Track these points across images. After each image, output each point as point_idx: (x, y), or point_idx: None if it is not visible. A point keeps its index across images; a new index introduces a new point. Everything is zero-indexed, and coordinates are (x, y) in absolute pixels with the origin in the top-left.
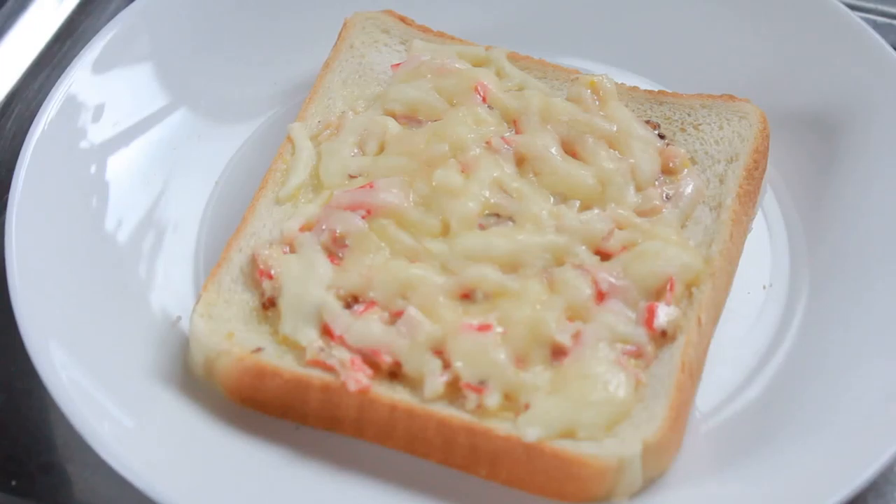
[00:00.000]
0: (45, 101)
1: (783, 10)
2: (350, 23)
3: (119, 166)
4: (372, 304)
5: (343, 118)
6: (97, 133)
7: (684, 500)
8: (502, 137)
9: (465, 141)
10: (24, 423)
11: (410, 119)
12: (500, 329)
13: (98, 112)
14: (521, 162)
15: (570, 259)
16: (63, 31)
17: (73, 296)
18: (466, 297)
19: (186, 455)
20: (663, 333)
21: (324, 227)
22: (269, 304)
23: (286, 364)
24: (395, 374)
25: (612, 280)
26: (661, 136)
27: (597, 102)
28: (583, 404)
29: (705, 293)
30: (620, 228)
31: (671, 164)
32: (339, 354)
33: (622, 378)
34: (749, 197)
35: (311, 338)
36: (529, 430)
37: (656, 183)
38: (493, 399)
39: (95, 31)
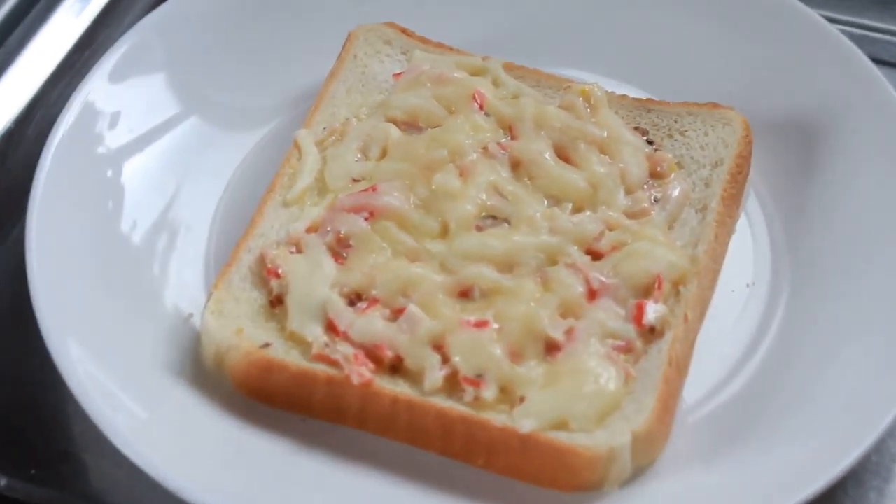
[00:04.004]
0: (65, 109)
1: (765, 23)
2: (354, 35)
3: (134, 171)
4: (374, 301)
5: (347, 125)
6: (113, 139)
7: (672, 488)
8: (498, 143)
9: (463, 146)
10: (44, 415)
11: (411, 126)
12: (496, 325)
13: (114, 119)
14: (516, 166)
15: (562, 259)
16: (82, 41)
17: (90, 294)
18: (464, 294)
19: (197, 445)
20: (651, 329)
21: (329, 228)
22: (276, 302)
23: (292, 358)
24: (396, 368)
25: (603, 279)
26: (650, 142)
27: (588, 110)
28: (575, 397)
29: (691, 291)
30: (611, 229)
31: (659, 169)
32: (343, 349)
33: (612, 372)
34: (733, 200)
35: (316, 333)
36: (524, 421)
37: (645, 186)
38: (489, 392)
39: (112, 43)
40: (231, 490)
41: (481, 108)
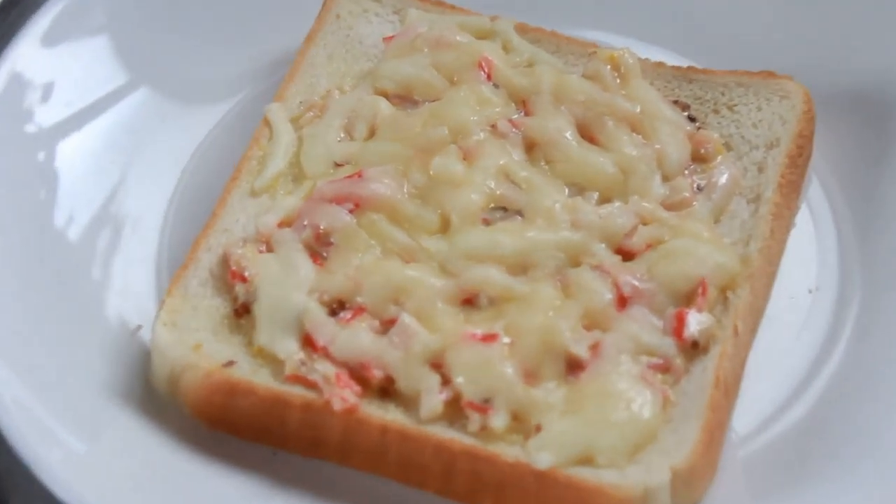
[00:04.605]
0: None
1: None
2: None
3: (71, 153)
4: (360, 310)
5: (328, 98)
6: (46, 115)
7: None
8: (509, 120)
9: (468, 124)
10: None
11: (405, 99)
12: (507, 339)
13: (47, 91)
14: (530, 148)
15: (587, 259)
16: None
17: (18, 302)
18: (469, 302)
19: (147, 485)
20: (694, 344)
21: (305, 222)
22: (242, 311)
23: (262, 380)
24: (386, 391)
25: (636, 283)
26: (692, 119)
27: (617, 80)
28: (602, 426)
29: (742, 298)
30: (645, 224)
31: (703, 151)
32: (323, 369)
33: (647, 396)
34: (792, 188)
35: (290, 350)
36: (541, 455)
37: (686, 172)
38: (499, 420)
39: (45, 0)
40: None
41: (489, 78)
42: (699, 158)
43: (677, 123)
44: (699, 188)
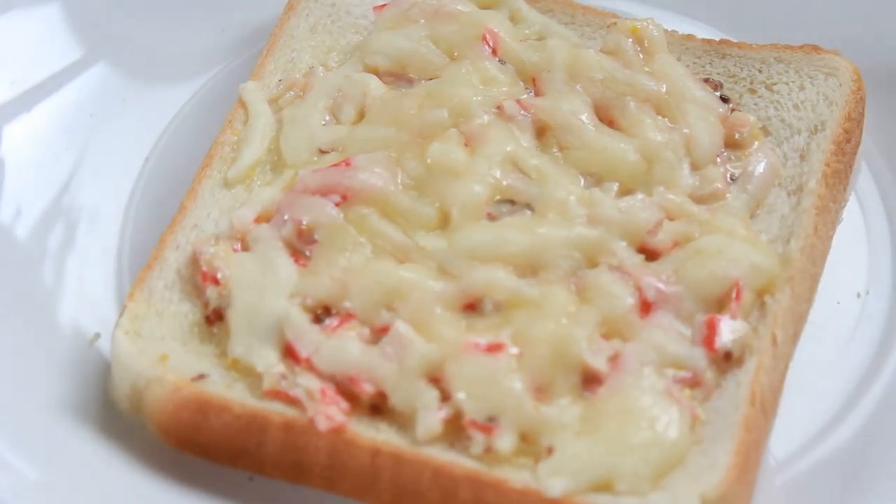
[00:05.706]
0: None
1: None
2: None
3: (18, 138)
4: (348, 317)
5: (311, 76)
6: None
7: None
8: (517, 101)
9: (470, 105)
10: None
11: (398, 77)
12: (514, 350)
13: None
14: (541, 133)
15: (605, 259)
16: None
17: None
18: (471, 308)
19: None
20: (727, 355)
21: (286, 216)
22: (214, 318)
23: (236, 395)
24: (378, 408)
25: (661, 286)
26: (725, 100)
27: (640, 55)
28: (622, 448)
29: (782, 303)
30: (671, 219)
31: (737, 136)
32: (306, 383)
33: (674, 413)
34: (839, 178)
35: (269, 361)
36: (553, 481)
37: (718, 160)
38: (505, 441)
39: None
40: None
41: (494, 53)
42: (733, 144)
43: (708, 105)
44: (733, 178)
